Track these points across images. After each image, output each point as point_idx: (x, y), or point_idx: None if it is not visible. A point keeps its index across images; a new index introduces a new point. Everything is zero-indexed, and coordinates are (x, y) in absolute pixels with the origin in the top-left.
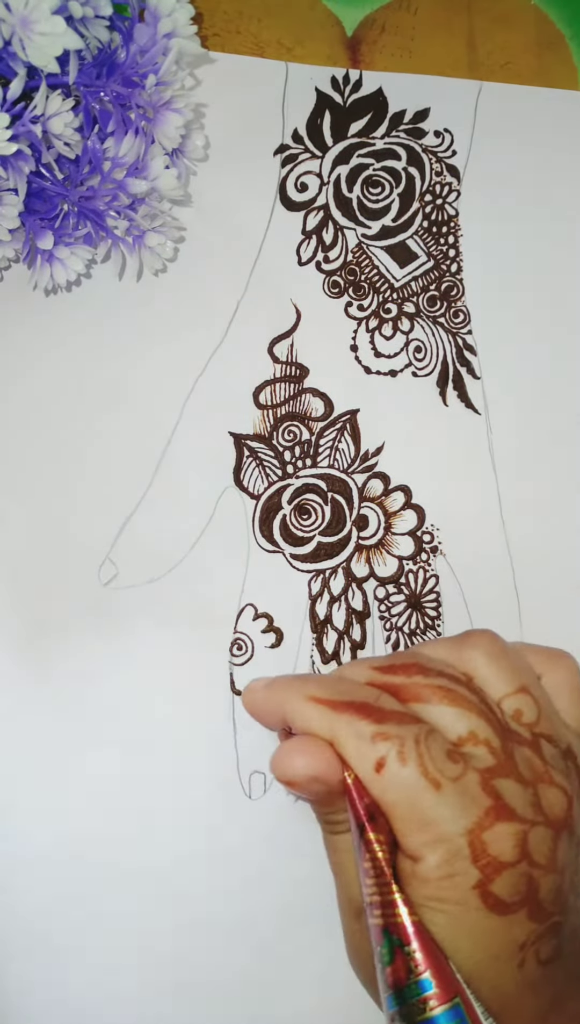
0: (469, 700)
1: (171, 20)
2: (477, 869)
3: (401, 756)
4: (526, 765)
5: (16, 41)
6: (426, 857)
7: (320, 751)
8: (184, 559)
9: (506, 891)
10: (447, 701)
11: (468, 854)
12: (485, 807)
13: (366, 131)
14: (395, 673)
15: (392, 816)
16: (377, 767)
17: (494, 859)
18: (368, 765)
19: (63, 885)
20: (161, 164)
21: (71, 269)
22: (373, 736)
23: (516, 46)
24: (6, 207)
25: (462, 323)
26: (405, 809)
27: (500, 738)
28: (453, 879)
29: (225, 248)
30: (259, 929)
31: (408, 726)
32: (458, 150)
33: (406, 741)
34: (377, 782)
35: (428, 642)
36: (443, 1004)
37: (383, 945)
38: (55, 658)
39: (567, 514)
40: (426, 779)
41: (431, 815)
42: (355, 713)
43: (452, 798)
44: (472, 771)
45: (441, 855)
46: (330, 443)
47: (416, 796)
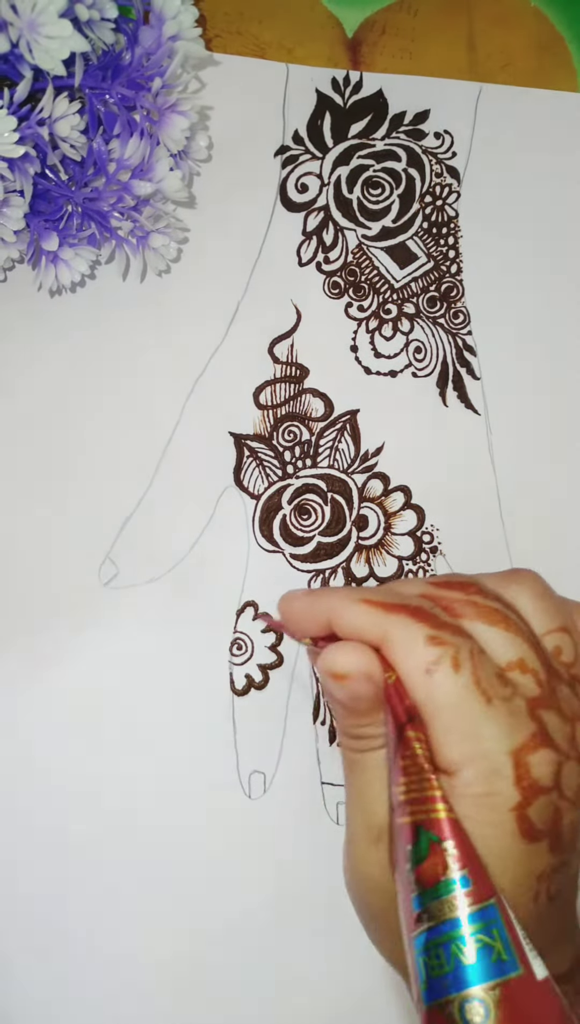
0: (521, 628)
1: (176, 23)
2: (518, 791)
3: (455, 662)
4: (566, 702)
5: (23, 44)
6: (464, 771)
7: (370, 652)
8: (184, 559)
9: (540, 818)
10: (502, 625)
11: (511, 774)
12: (531, 731)
13: (366, 132)
14: (453, 588)
15: (434, 724)
16: (428, 669)
17: (535, 783)
18: (419, 666)
19: (64, 884)
20: (166, 166)
21: (75, 270)
22: (427, 639)
23: (516, 48)
24: (12, 208)
25: (462, 324)
26: (451, 717)
27: (546, 671)
28: (492, 798)
29: (226, 249)
30: (259, 927)
31: (463, 638)
32: (458, 151)
33: (461, 650)
34: (425, 684)
35: (476, 574)
36: (480, 902)
37: (417, 842)
38: (55, 658)
39: (567, 514)
40: (478, 690)
41: (478, 727)
42: (410, 616)
43: (501, 715)
44: (520, 696)
45: (482, 770)
46: (330, 443)
47: (465, 705)
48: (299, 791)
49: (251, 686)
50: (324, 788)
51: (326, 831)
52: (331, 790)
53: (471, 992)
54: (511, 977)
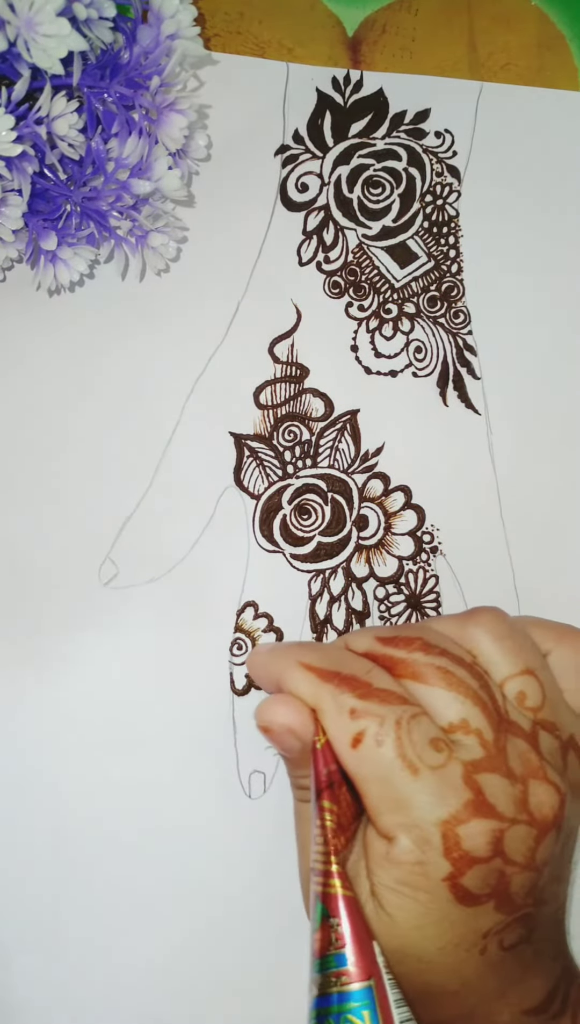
0: (467, 685)
1: (174, 21)
2: (448, 862)
3: (378, 735)
4: (519, 759)
5: (20, 43)
6: (399, 839)
7: (301, 709)
8: (184, 559)
9: (476, 885)
10: (443, 683)
11: (440, 845)
12: (464, 800)
13: (367, 132)
14: (397, 646)
15: (365, 793)
16: (353, 742)
17: (466, 854)
18: (346, 738)
19: (64, 884)
20: (164, 165)
21: (74, 269)
22: (352, 711)
23: (517, 47)
24: (10, 208)
25: (462, 323)
26: (379, 787)
27: (494, 729)
28: (424, 867)
29: (225, 248)
30: (259, 928)
31: (392, 706)
32: (459, 151)
33: (386, 721)
34: (353, 757)
35: (437, 617)
36: (356, 982)
37: (315, 911)
38: (55, 658)
39: (567, 514)
40: (402, 761)
41: (406, 798)
42: (340, 685)
43: (430, 785)
44: (456, 762)
45: (414, 839)
46: (330, 443)
47: (391, 776)
48: None
49: (251, 686)
50: None
51: None
52: None
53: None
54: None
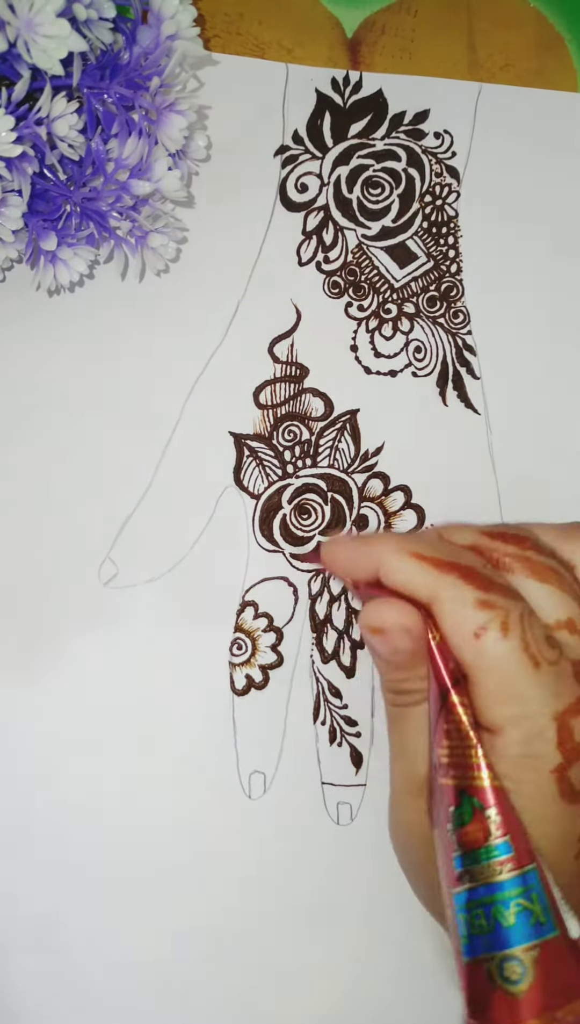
0: (573, 588)
1: (174, 22)
2: (560, 753)
3: (504, 627)
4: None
5: (21, 44)
6: (508, 731)
7: (411, 608)
8: (184, 559)
9: (578, 779)
10: (555, 583)
11: (554, 737)
12: (577, 695)
13: (366, 132)
14: (507, 542)
15: (479, 685)
16: (477, 633)
17: (577, 745)
18: (468, 630)
19: (63, 884)
20: (164, 165)
21: (74, 269)
22: (477, 602)
23: (516, 48)
24: (10, 208)
25: (462, 323)
26: (498, 680)
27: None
28: (533, 760)
29: (225, 248)
30: (259, 928)
31: (514, 600)
32: (458, 151)
33: (511, 613)
34: (473, 648)
35: (533, 523)
36: (521, 867)
37: (460, 806)
38: (55, 657)
39: (567, 514)
40: (526, 654)
41: (524, 691)
42: (461, 576)
43: (548, 679)
44: (566, 659)
45: (525, 732)
46: (330, 443)
47: (513, 669)
48: (299, 791)
49: (251, 686)
50: (324, 788)
51: (326, 831)
52: (331, 790)
53: (510, 952)
54: (548, 939)
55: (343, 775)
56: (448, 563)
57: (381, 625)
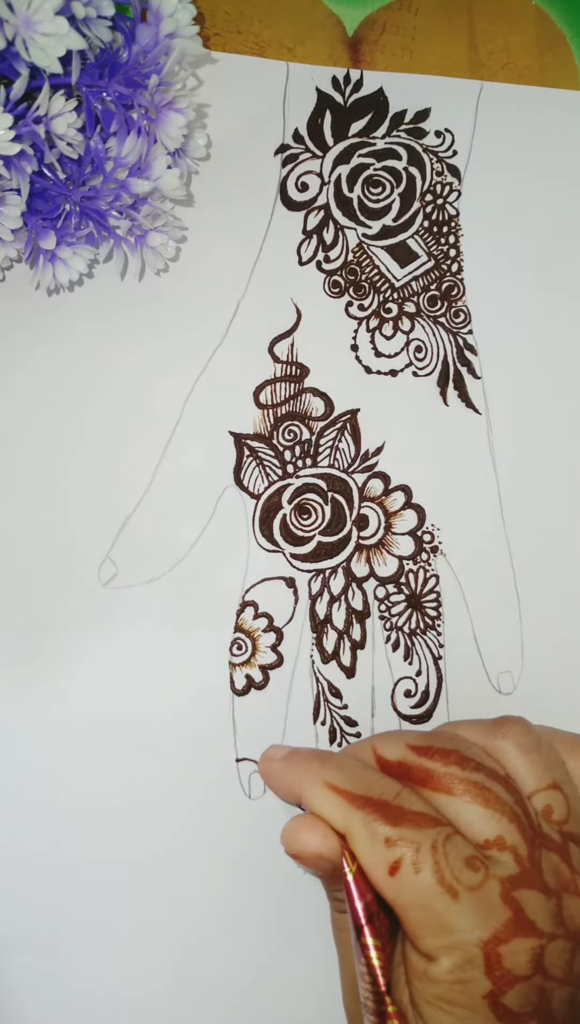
0: (503, 801)
1: (173, 20)
2: (490, 980)
3: (415, 863)
4: (552, 873)
5: (19, 42)
6: (440, 960)
7: (328, 833)
8: (184, 559)
9: (517, 1003)
10: (480, 800)
11: (482, 964)
12: (504, 919)
13: (367, 131)
14: (432, 758)
15: (405, 918)
16: (390, 870)
17: (508, 972)
18: (382, 868)
19: (63, 884)
20: (163, 164)
21: (73, 269)
22: (387, 839)
23: (517, 46)
24: (9, 207)
25: (463, 323)
26: (419, 913)
27: (528, 845)
28: (465, 985)
29: (225, 248)
30: (258, 929)
31: (426, 830)
32: (459, 150)
33: (422, 846)
34: (391, 884)
35: (463, 722)
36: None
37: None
38: (55, 657)
39: (567, 514)
40: (442, 886)
41: (447, 922)
42: (372, 811)
43: (469, 907)
44: (493, 879)
45: (455, 960)
46: (330, 443)
47: (431, 902)
48: None
49: (251, 686)
50: None
51: None
52: None
53: None
54: None
55: None
56: (360, 798)
57: (295, 851)
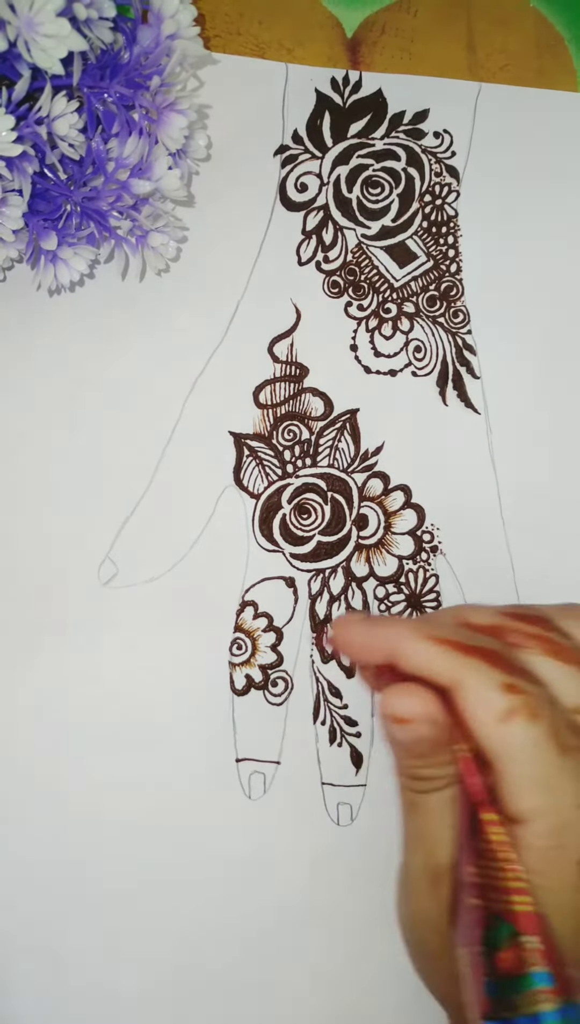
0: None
1: (174, 22)
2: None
3: (532, 712)
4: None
5: (21, 43)
6: (535, 822)
7: (433, 697)
8: (184, 558)
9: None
10: (577, 664)
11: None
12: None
13: (366, 132)
14: (530, 623)
15: (505, 774)
16: (505, 716)
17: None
18: (496, 713)
19: (63, 885)
20: (164, 165)
21: (74, 269)
22: (504, 686)
23: (515, 48)
24: (10, 208)
25: (462, 323)
26: (525, 767)
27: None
28: (560, 850)
29: (225, 248)
30: (258, 928)
31: (539, 685)
32: (457, 151)
33: (540, 698)
34: (502, 732)
35: (534, 605)
36: (563, 1000)
37: (493, 930)
38: (55, 657)
39: (567, 514)
40: (553, 741)
41: (551, 780)
42: (485, 659)
43: (575, 768)
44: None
45: (553, 823)
46: (330, 442)
47: (540, 756)
48: (299, 791)
49: (251, 686)
50: (324, 788)
51: (326, 831)
52: (331, 790)
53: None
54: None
55: (343, 775)
56: (470, 647)
57: (407, 715)
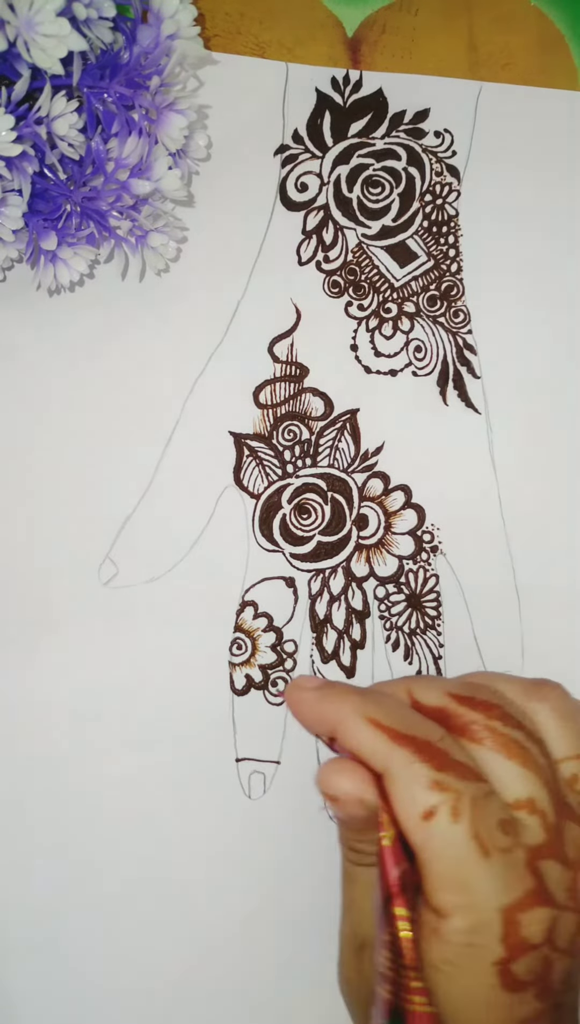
0: (539, 764)
1: (174, 22)
2: (504, 947)
3: (454, 811)
4: (573, 845)
5: (20, 43)
6: (453, 918)
7: (367, 776)
8: (184, 558)
9: (524, 971)
10: (518, 759)
11: (499, 930)
12: (528, 888)
13: (366, 131)
14: (475, 708)
15: (427, 868)
16: (426, 814)
17: (523, 940)
18: (417, 811)
19: (64, 884)
20: (164, 165)
21: (74, 269)
22: (430, 782)
23: (516, 47)
24: (10, 208)
25: (462, 323)
26: (445, 866)
27: (556, 813)
28: (476, 949)
29: (225, 248)
30: (258, 928)
31: (469, 782)
32: (458, 150)
33: (463, 796)
34: (422, 829)
35: (499, 676)
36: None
37: (392, 1021)
38: (55, 657)
39: (567, 513)
40: (475, 841)
41: (472, 880)
42: (415, 751)
43: (498, 870)
44: (520, 847)
45: (471, 921)
46: (330, 442)
47: (461, 856)
48: (299, 791)
49: (251, 686)
50: None
51: (326, 831)
52: None
53: None
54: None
55: None
56: (404, 736)
57: (336, 793)
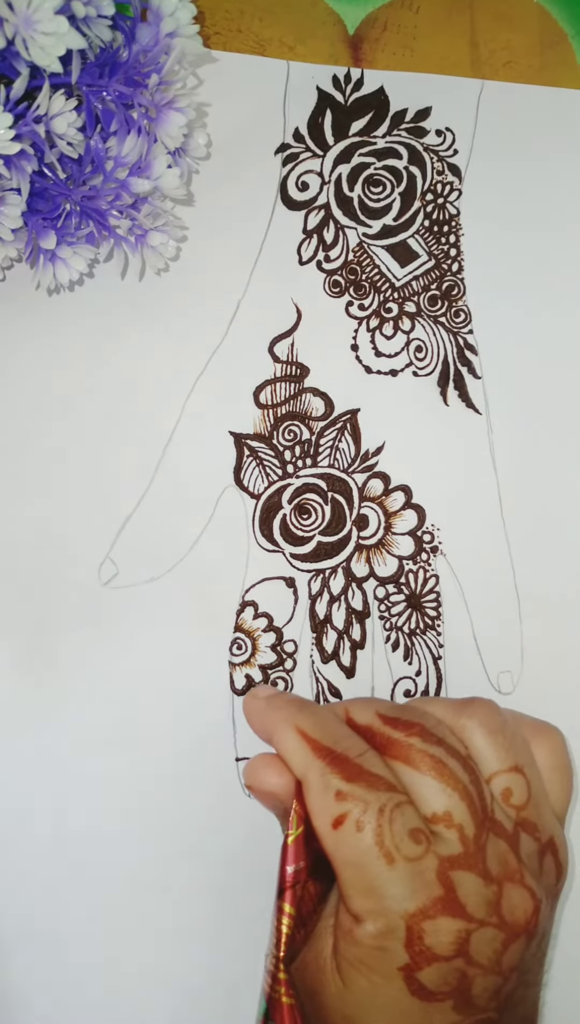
0: (457, 778)
1: (173, 19)
2: (407, 953)
3: (359, 821)
4: (497, 860)
5: (19, 41)
6: (365, 922)
7: (287, 776)
8: (184, 558)
9: (433, 981)
10: (434, 773)
11: (403, 936)
12: (434, 896)
13: (367, 130)
14: (396, 728)
15: (340, 874)
16: (335, 823)
17: (427, 949)
18: (327, 818)
19: (63, 883)
20: (164, 163)
21: (74, 268)
22: (338, 792)
23: (519, 45)
24: (9, 207)
25: (463, 322)
26: (353, 872)
27: (476, 827)
28: (383, 953)
29: (225, 247)
30: (258, 927)
31: (378, 792)
32: (460, 149)
33: (370, 807)
34: (332, 837)
35: (434, 699)
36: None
37: (260, 1004)
38: (55, 657)
39: (567, 514)
40: (379, 849)
41: (378, 886)
42: (330, 763)
43: (403, 877)
44: (432, 855)
45: (379, 927)
46: (330, 443)
47: (366, 863)
48: None
49: (251, 686)
50: None
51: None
52: None
53: None
54: None
55: None
56: (323, 748)
57: (251, 784)
